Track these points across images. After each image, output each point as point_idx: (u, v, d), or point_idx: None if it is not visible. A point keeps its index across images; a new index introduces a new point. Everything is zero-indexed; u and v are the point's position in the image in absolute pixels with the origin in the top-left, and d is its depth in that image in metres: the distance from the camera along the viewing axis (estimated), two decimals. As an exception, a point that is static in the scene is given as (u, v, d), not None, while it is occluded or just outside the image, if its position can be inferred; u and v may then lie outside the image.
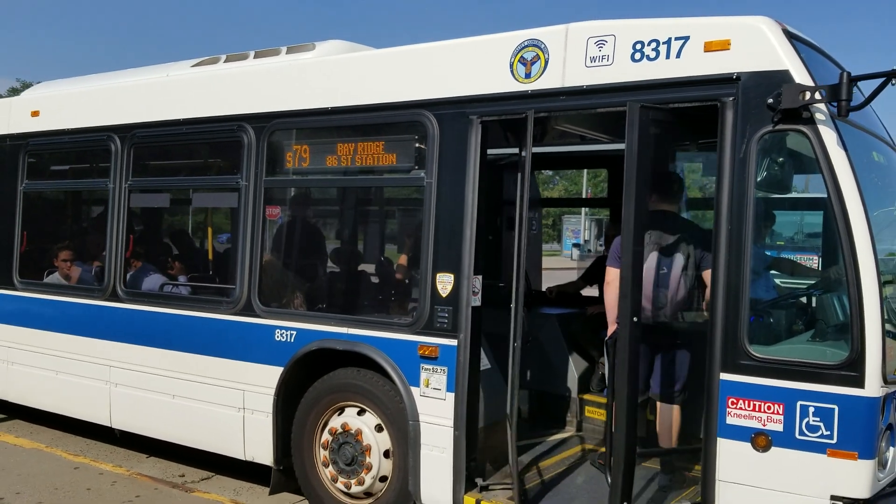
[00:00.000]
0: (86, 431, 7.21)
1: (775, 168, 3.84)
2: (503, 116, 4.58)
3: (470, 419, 4.67)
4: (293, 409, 5.44)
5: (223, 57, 6.36)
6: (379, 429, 5.07)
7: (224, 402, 5.75)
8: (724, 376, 3.86)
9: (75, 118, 6.84)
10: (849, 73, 3.57)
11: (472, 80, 4.68)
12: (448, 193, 4.74)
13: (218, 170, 6.39)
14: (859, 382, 3.56)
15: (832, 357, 3.68)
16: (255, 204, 5.57)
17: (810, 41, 4.09)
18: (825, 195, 3.65)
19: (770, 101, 3.73)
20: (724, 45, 3.87)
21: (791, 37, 3.84)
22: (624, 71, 4.15)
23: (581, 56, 4.30)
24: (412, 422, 4.84)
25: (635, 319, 4.11)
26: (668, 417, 4.89)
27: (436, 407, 4.77)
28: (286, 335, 5.39)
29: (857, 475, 3.59)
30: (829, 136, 3.65)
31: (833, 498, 3.62)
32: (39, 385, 7.01)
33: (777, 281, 4.62)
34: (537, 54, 4.44)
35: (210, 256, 6.93)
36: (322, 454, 5.25)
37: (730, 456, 3.85)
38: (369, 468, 5.03)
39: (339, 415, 5.22)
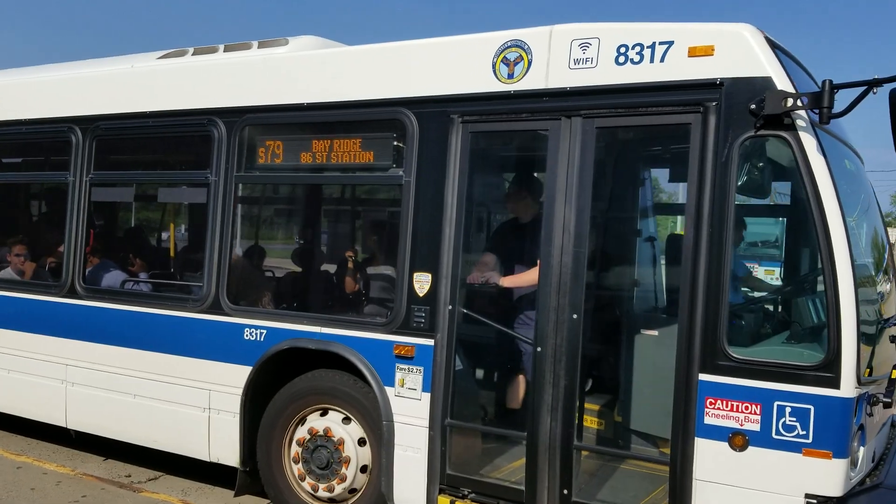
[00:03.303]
0: (27, 430, 6.99)
1: (755, 173, 3.92)
2: (485, 116, 4.58)
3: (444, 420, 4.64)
4: (261, 410, 5.35)
5: (191, 50, 6.23)
6: (347, 421, 5.01)
7: (188, 401, 5.61)
8: (702, 377, 3.92)
9: (32, 108, 6.62)
10: (831, 81, 3.66)
11: (453, 79, 4.67)
12: (427, 192, 4.72)
13: (186, 164, 6.25)
14: (835, 384, 3.65)
15: (809, 358, 3.76)
16: (225, 200, 5.47)
17: (787, 50, 4.19)
18: (804, 200, 3.74)
19: (752, 106, 3.81)
20: (707, 51, 3.94)
21: (771, 44, 3.92)
22: (608, 74, 4.20)
23: (565, 58, 4.32)
24: (386, 422, 4.80)
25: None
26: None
27: (410, 407, 4.73)
28: (256, 334, 5.30)
29: (831, 474, 3.67)
30: (809, 142, 3.74)
31: (807, 496, 3.70)
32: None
33: (754, 284, 4.70)
34: (520, 55, 4.46)
35: (173, 253, 6.79)
36: (292, 454, 5.16)
37: (707, 455, 3.90)
38: (347, 462, 4.96)
39: (320, 416, 5.13)
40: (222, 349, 5.45)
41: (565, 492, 4.28)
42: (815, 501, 3.69)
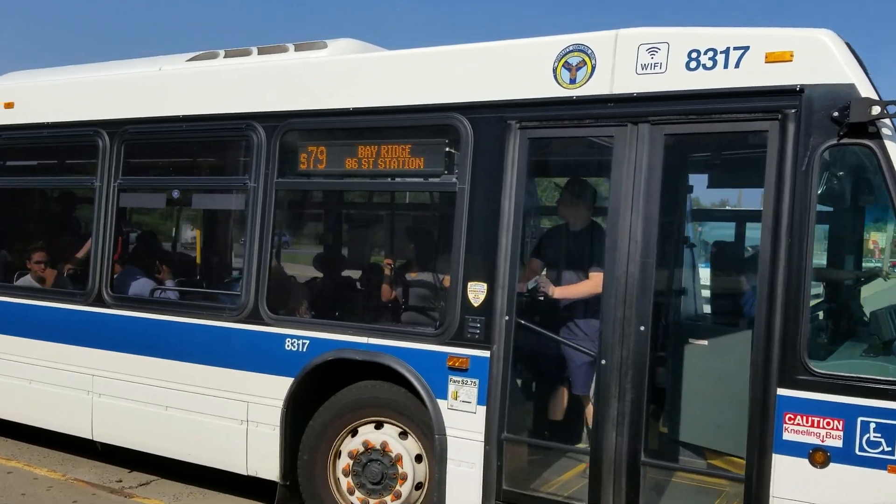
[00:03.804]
0: (17, 434, 6.83)
1: (836, 182, 3.83)
2: (545, 122, 4.46)
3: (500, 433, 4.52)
4: (301, 422, 5.20)
5: (222, 52, 6.08)
6: (404, 436, 4.88)
7: (225, 413, 5.45)
8: (780, 392, 3.81)
9: (56, 111, 6.44)
10: (920, 88, 3.57)
11: (510, 84, 4.55)
12: (482, 200, 4.59)
13: (222, 170, 6.11)
14: None
15: (894, 373, 3.66)
16: (265, 206, 5.31)
17: (858, 56, 4.10)
18: (889, 210, 3.64)
19: (835, 114, 3.71)
20: (786, 57, 3.84)
21: (851, 51, 3.83)
22: (679, 79, 4.09)
23: (631, 63, 4.21)
24: (438, 435, 4.66)
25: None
26: None
27: (465, 420, 4.60)
28: (297, 344, 5.15)
29: (920, 491, 3.57)
30: (893, 151, 3.64)
31: (894, 514, 3.60)
32: (8, 395, 6.55)
33: (834, 295, 4.61)
34: (583, 59, 4.34)
35: (199, 260, 6.62)
36: (341, 466, 5.01)
37: (786, 472, 3.80)
38: (403, 479, 4.82)
39: (374, 429, 4.98)
40: (261, 360, 5.30)
41: (631, 509, 4.16)
42: (900, 519, 3.59)
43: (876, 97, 3.68)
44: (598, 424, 4.29)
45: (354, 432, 5.02)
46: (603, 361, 4.27)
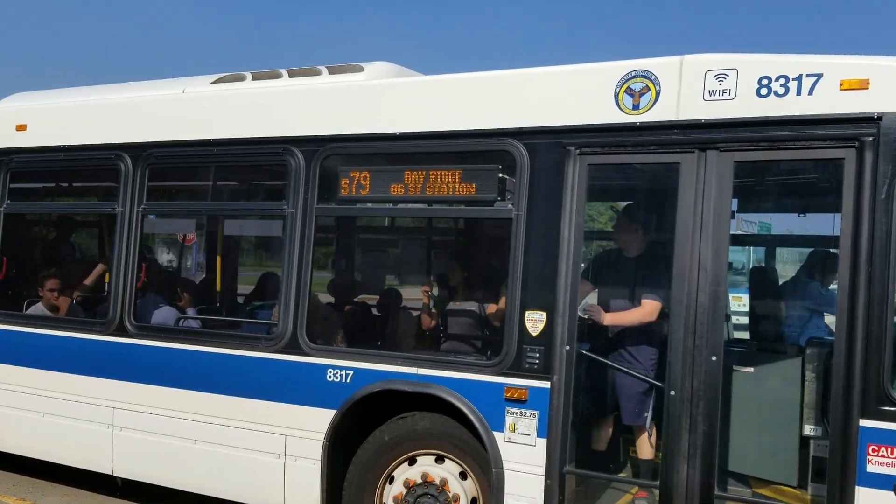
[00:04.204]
0: None
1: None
2: (606, 148, 4.39)
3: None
4: (342, 455, 5.03)
5: (249, 75, 5.95)
6: (463, 476, 4.74)
7: (260, 447, 5.26)
8: (863, 423, 3.75)
9: (73, 134, 6.23)
10: None
11: (569, 109, 4.48)
12: (539, 227, 4.50)
13: (256, 195, 5.94)
14: None
15: (985, 402, 3.63)
16: (304, 233, 5.16)
17: None
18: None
19: (916, 142, 3.69)
20: (863, 85, 3.81)
21: (927, 78, 3.81)
22: (749, 106, 4.04)
23: (698, 89, 4.16)
24: (496, 469, 4.53)
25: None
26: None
27: (523, 453, 4.47)
28: (340, 375, 4.99)
29: None
30: (977, 180, 3.63)
31: None
32: (18, 428, 6.28)
33: None
34: (647, 85, 4.28)
35: (219, 286, 6.43)
36: (393, 495, 4.85)
37: (870, 505, 3.73)
38: None
39: (412, 464, 4.84)
40: (301, 391, 5.13)
41: (704, 545, 4.06)
42: None
43: (955, 125, 3.66)
44: (668, 457, 4.19)
45: (413, 461, 4.86)
46: (672, 393, 4.18)
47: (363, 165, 5.08)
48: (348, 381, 4.97)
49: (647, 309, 4.82)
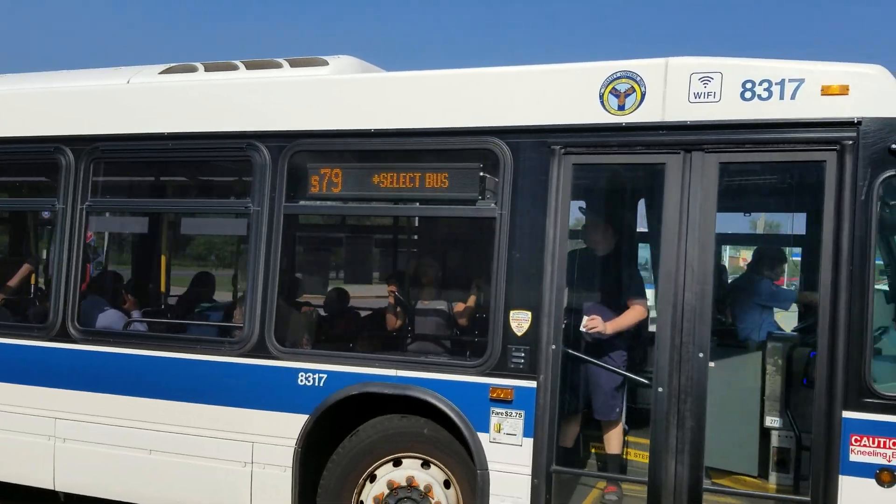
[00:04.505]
0: None
1: (891, 210, 3.98)
2: (592, 148, 4.42)
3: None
4: (314, 461, 4.89)
5: (200, 66, 5.68)
6: (447, 485, 4.69)
7: (225, 455, 5.05)
8: (846, 414, 3.92)
9: (8, 125, 5.79)
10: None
11: (554, 109, 4.48)
12: (524, 226, 4.49)
13: (216, 193, 5.68)
14: None
15: (959, 392, 3.85)
16: (271, 232, 4.98)
17: None
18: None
19: (893, 146, 3.87)
20: (843, 90, 3.98)
21: (899, 86, 4.01)
22: (734, 109, 4.15)
23: (683, 91, 4.25)
24: (480, 470, 4.49)
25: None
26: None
27: (509, 454, 4.46)
28: (313, 379, 4.84)
29: (982, 505, 3.76)
30: (949, 183, 3.85)
31: (960, 530, 3.77)
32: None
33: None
34: (632, 87, 4.34)
35: (164, 288, 6.12)
36: (373, 494, 4.75)
37: (853, 493, 3.90)
38: None
39: (396, 465, 4.76)
40: (269, 396, 4.95)
41: (692, 537, 4.16)
42: (966, 534, 3.76)
43: (928, 130, 3.87)
44: (656, 453, 4.26)
45: (398, 462, 4.76)
46: (660, 389, 4.25)
47: (336, 162, 4.94)
48: (322, 384, 4.83)
49: (640, 309, 4.90)
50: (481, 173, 4.62)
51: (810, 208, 5.44)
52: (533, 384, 4.41)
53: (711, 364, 5.13)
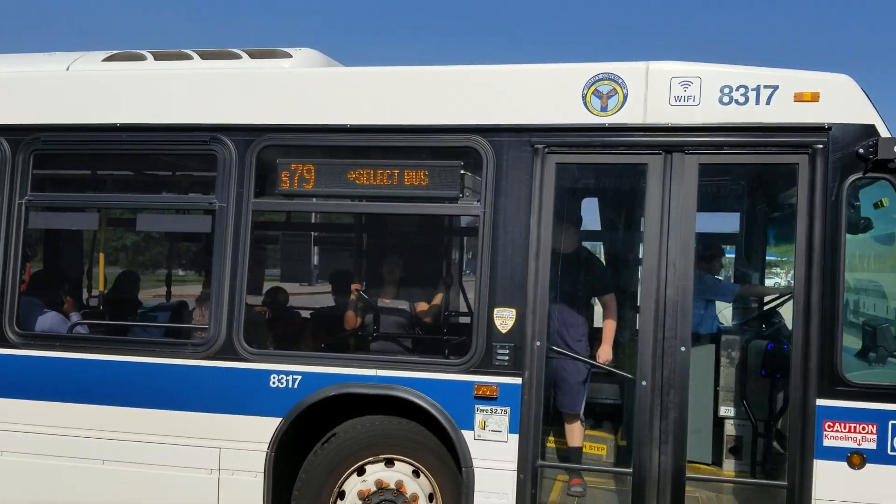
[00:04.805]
0: None
1: (858, 210, 4.26)
2: (575, 148, 4.50)
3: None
4: (286, 465, 4.77)
5: (148, 54, 5.41)
6: (416, 474, 4.66)
7: (188, 463, 4.84)
8: (820, 402, 4.17)
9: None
10: (939, 131, 4.11)
11: (537, 108, 4.53)
12: (506, 225, 4.52)
13: (175, 187, 5.40)
14: None
15: (918, 379, 4.17)
16: (238, 229, 4.80)
17: (870, 98, 4.54)
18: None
19: (860, 150, 4.15)
20: (814, 97, 4.23)
21: (865, 94, 4.31)
22: (712, 112, 4.33)
23: (664, 94, 4.39)
24: (465, 468, 4.50)
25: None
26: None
27: (494, 450, 4.49)
28: (286, 380, 4.71)
29: (940, 482, 4.09)
30: (908, 184, 4.16)
31: (919, 505, 4.08)
32: None
33: (863, 312, 5.08)
34: (614, 88, 4.45)
35: (102, 287, 5.79)
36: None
37: (826, 476, 4.15)
38: None
39: (361, 474, 4.69)
40: (238, 400, 4.78)
41: (675, 524, 4.31)
42: (924, 509, 4.08)
43: (889, 135, 4.17)
44: (640, 444, 4.39)
45: (361, 471, 4.69)
46: (644, 382, 4.39)
47: (307, 158, 4.81)
48: (296, 386, 4.70)
49: (615, 304, 5.04)
50: (463, 171, 4.62)
51: (781, 207, 5.70)
52: (518, 380, 4.46)
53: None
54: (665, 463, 4.34)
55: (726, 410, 5.40)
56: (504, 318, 4.51)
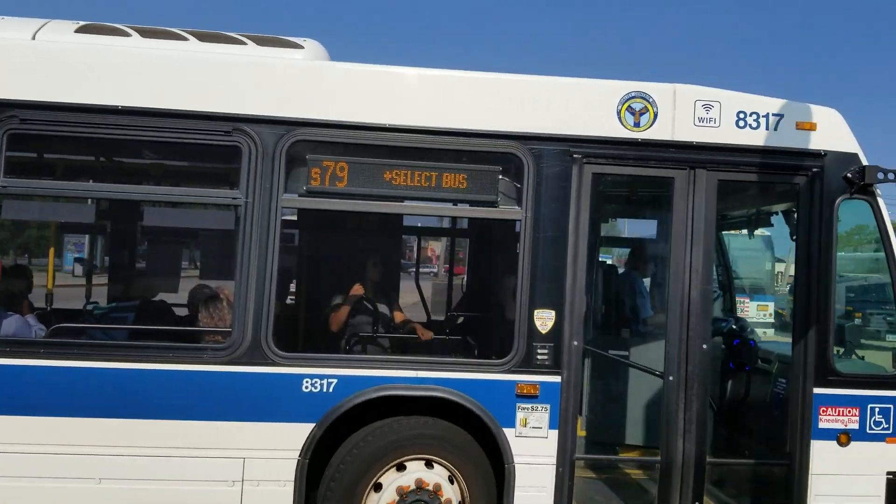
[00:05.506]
0: None
1: (843, 226, 4.98)
2: (611, 159, 4.80)
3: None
4: (313, 473, 4.63)
5: (130, 30, 4.93)
6: (451, 480, 4.71)
7: (205, 476, 4.52)
8: (816, 391, 4.83)
9: None
10: (909, 163, 4.92)
11: (576, 120, 4.77)
12: (546, 229, 4.72)
13: (192, 180, 4.94)
14: None
15: (890, 370, 4.96)
16: (267, 226, 4.56)
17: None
18: (882, 247, 4.94)
19: (849, 175, 4.87)
20: (812, 127, 4.88)
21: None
22: (730, 134, 4.84)
23: (689, 115, 4.83)
24: (507, 465, 4.65)
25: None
26: None
27: (535, 446, 4.68)
28: (320, 385, 4.56)
29: (905, 454, 4.92)
30: (882, 205, 4.95)
31: (888, 473, 4.88)
32: None
33: (848, 313, 5.76)
34: (646, 106, 4.82)
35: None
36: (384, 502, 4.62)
37: (821, 453, 4.82)
38: None
39: (400, 470, 4.67)
40: (266, 406, 4.55)
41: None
42: (892, 476, 4.88)
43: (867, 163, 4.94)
44: (667, 434, 4.80)
45: (401, 467, 4.66)
46: (671, 378, 4.80)
47: (340, 156, 4.67)
48: (331, 390, 4.57)
49: None
50: (506, 177, 4.75)
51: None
52: (557, 379, 4.68)
53: (627, 353, 5.89)
54: (689, 449, 4.79)
55: None
56: (544, 319, 4.71)
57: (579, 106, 4.81)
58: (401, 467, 4.68)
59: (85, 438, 4.45)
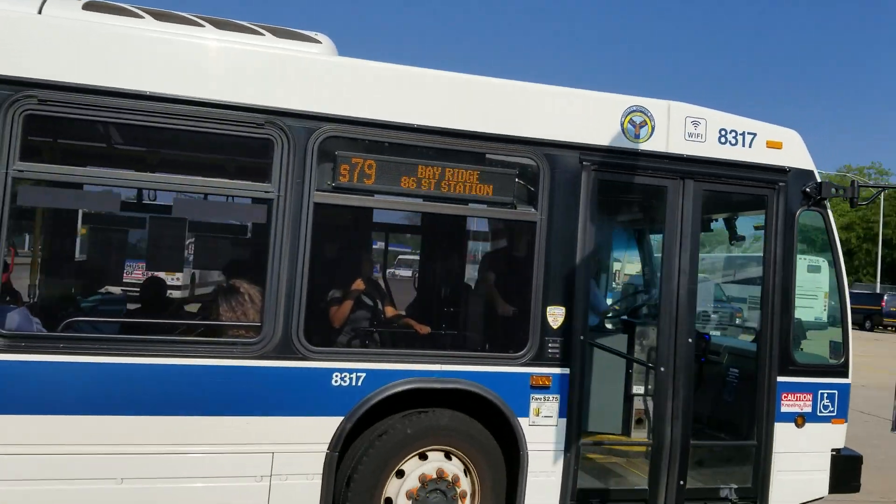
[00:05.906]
0: None
1: (801, 235, 5.65)
2: (615, 167, 5.19)
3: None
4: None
5: (142, 12, 4.75)
6: (465, 472, 4.93)
7: (232, 472, 4.48)
8: (780, 379, 5.47)
9: None
10: (857, 181, 5.66)
11: (586, 130, 5.12)
12: (557, 231, 5.04)
13: (219, 172, 4.75)
14: (846, 375, 5.66)
15: (835, 360, 5.69)
16: (299, 220, 4.57)
17: None
18: (829, 252, 5.67)
19: (807, 189, 5.55)
20: (778, 146, 5.52)
21: (801, 146, 5.72)
22: (714, 148, 5.38)
23: (681, 130, 5.32)
24: (521, 452, 4.93)
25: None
26: None
27: (545, 434, 4.99)
28: (350, 378, 4.64)
29: (843, 433, 5.67)
30: (831, 216, 5.67)
31: (833, 450, 5.62)
32: None
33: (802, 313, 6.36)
34: (645, 120, 5.25)
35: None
36: (405, 489, 4.80)
37: (782, 434, 5.47)
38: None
39: (423, 459, 4.83)
40: (297, 400, 4.57)
41: (682, 483, 5.27)
42: (835, 452, 5.62)
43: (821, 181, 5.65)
44: (658, 419, 5.26)
45: (423, 456, 4.82)
46: (662, 369, 5.27)
47: (369, 153, 4.75)
48: (360, 384, 4.65)
49: None
50: (522, 181, 5.02)
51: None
52: (567, 371, 5.02)
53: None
54: (676, 432, 5.27)
55: (637, 389, 6.50)
56: (556, 315, 5.03)
57: (588, 117, 5.16)
58: (423, 456, 4.84)
59: (106, 437, 4.27)
